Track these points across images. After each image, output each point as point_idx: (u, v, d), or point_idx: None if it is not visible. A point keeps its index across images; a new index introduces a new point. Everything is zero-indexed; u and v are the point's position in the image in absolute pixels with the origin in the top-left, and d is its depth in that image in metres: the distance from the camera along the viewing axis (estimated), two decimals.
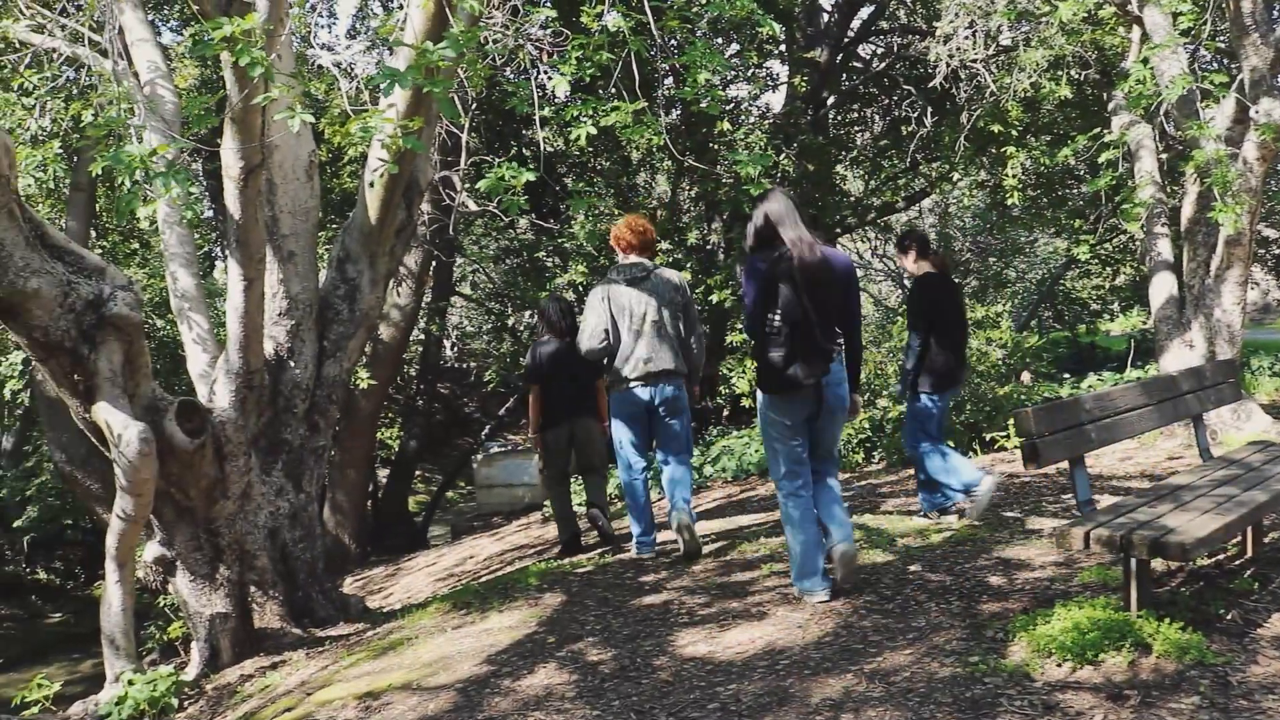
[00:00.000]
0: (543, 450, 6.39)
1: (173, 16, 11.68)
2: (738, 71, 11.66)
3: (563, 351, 6.23)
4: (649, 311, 5.46)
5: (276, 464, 5.66)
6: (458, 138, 8.82)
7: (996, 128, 10.45)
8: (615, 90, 5.31)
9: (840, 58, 13.34)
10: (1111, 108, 8.96)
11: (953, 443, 8.61)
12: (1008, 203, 11.59)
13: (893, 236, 18.11)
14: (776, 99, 17.71)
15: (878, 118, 13.88)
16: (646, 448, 5.66)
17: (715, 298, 10.61)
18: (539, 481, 6.60)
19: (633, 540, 5.80)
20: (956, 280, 17.79)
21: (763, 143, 10.63)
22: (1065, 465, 3.93)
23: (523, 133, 11.43)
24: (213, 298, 11.93)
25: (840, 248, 16.41)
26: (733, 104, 11.87)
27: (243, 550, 5.35)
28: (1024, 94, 10.00)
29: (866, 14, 13.68)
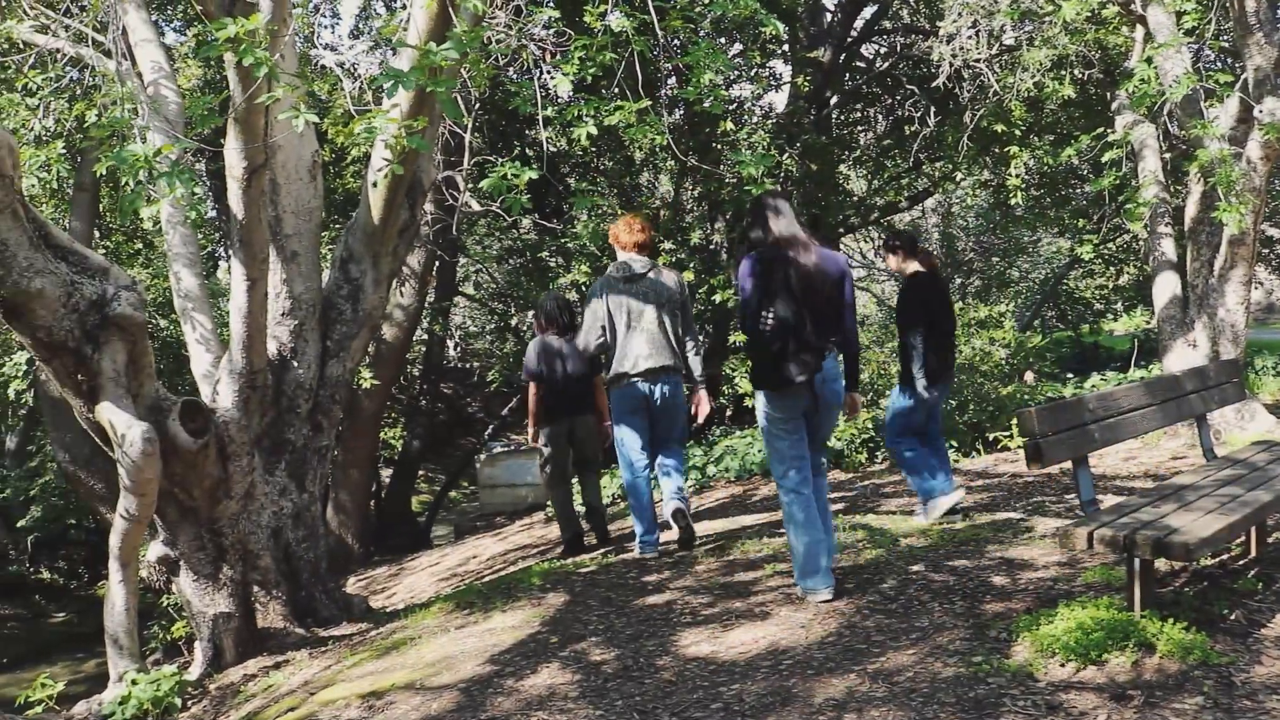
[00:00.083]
0: (542, 447, 6.40)
1: (176, 17, 11.71)
2: (741, 71, 11.65)
3: (561, 348, 6.26)
4: (647, 309, 5.58)
5: (280, 464, 5.67)
6: (461, 138, 8.81)
7: (1000, 127, 10.45)
8: (618, 90, 5.32)
9: (843, 57, 13.33)
10: (1115, 107, 8.95)
11: (955, 442, 8.62)
12: (1011, 202, 11.59)
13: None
14: (779, 99, 17.68)
15: (881, 117, 13.88)
16: (648, 444, 5.71)
17: (719, 298, 10.61)
18: (542, 481, 6.61)
19: (636, 540, 5.81)
20: (961, 279, 17.92)
21: (766, 142, 10.62)
22: (1068, 465, 3.92)
23: (526, 133, 11.45)
24: (216, 298, 11.96)
25: (843, 247, 16.42)
26: (736, 104, 11.87)
27: (246, 550, 5.35)
28: (1027, 93, 9.98)
29: (869, 13, 13.67)
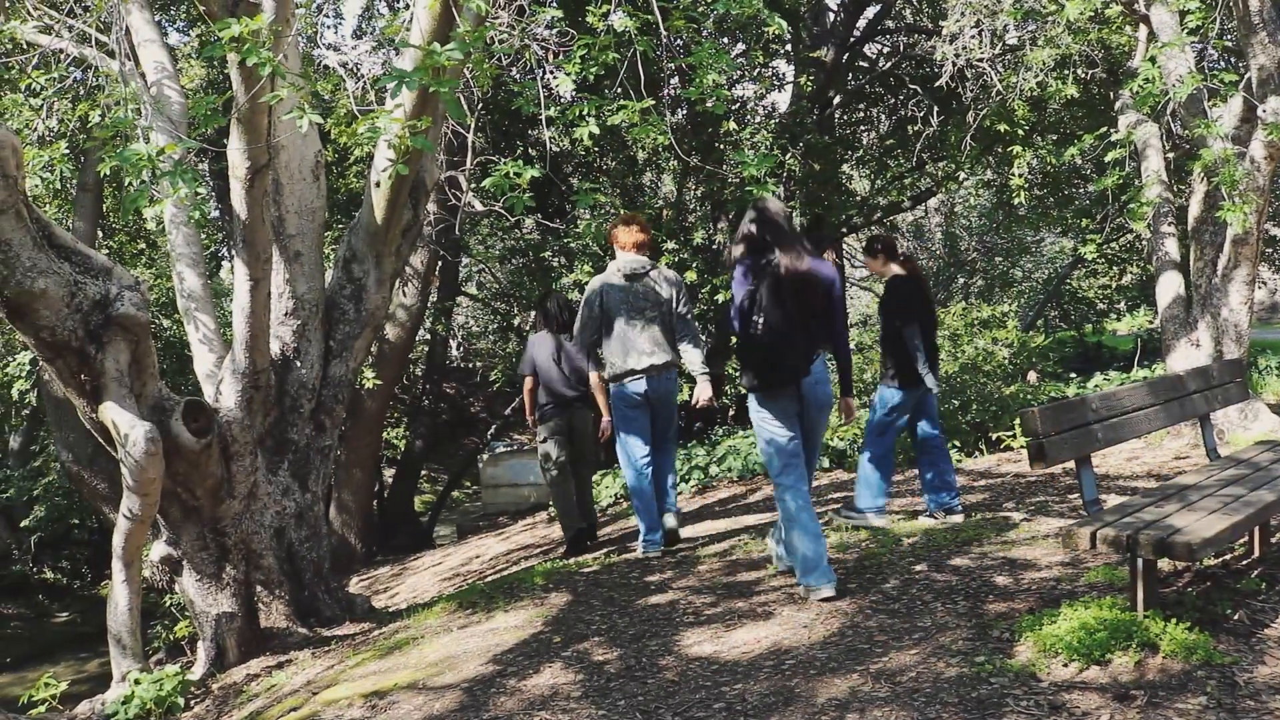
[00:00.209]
0: (541, 445, 6.42)
1: (179, 17, 11.72)
2: (743, 71, 11.64)
3: (559, 345, 6.35)
4: (646, 307, 5.65)
5: (282, 464, 5.68)
6: (463, 138, 8.83)
7: (1003, 127, 10.43)
8: (621, 90, 5.33)
9: (846, 57, 13.30)
10: (1118, 107, 8.94)
11: (958, 442, 8.61)
12: (1014, 202, 11.57)
13: (898, 236, 18.08)
14: (782, 98, 17.71)
15: (884, 117, 13.87)
16: (649, 441, 5.74)
17: (721, 298, 10.60)
18: (544, 481, 6.65)
19: (639, 539, 5.82)
20: (964, 279, 17.89)
21: (768, 142, 10.62)
22: (1071, 465, 3.91)
23: (529, 133, 11.44)
24: (219, 298, 11.98)
25: (845, 247, 16.39)
26: (738, 103, 11.86)
27: (249, 550, 5.36)
28: (1030, 93, 9.97)
29: (872, 13, 13.64)
